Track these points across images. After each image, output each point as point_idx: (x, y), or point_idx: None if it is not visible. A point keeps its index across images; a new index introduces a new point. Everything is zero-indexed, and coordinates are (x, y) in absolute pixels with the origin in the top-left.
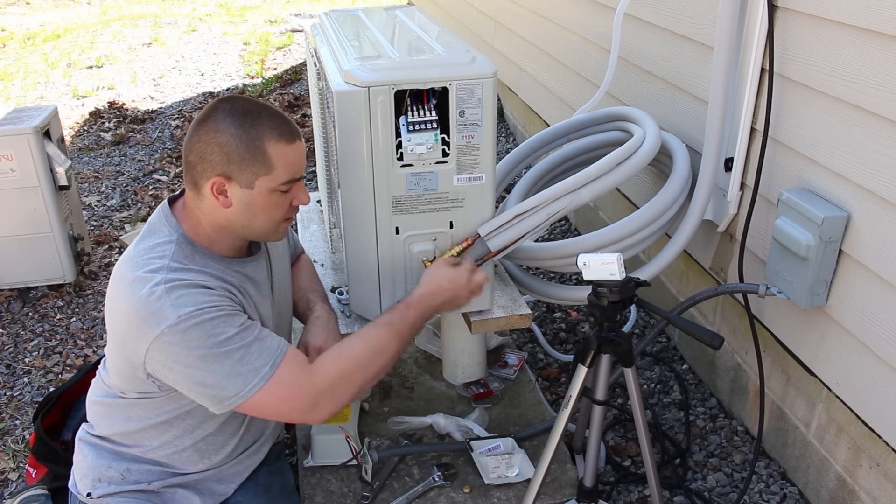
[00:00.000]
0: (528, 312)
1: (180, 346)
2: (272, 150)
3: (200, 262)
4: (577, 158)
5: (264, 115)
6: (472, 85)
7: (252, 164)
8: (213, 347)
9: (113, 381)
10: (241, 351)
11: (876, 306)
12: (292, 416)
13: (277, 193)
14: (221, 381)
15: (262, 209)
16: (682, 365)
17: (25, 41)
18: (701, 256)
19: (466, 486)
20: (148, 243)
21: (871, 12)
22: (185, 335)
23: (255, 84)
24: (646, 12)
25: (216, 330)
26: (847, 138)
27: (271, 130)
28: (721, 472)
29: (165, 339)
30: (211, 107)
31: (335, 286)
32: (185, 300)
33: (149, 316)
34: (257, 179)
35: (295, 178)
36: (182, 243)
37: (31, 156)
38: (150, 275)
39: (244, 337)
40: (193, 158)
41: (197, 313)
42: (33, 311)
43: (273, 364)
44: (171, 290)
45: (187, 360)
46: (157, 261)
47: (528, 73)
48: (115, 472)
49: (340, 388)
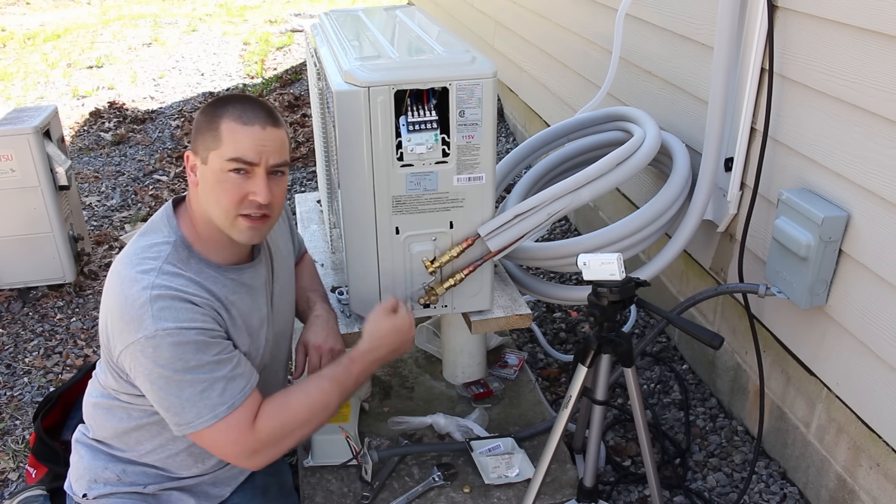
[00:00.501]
0: (528, 312)
1: (150, 360)
2: (224, 127)
3: (195, 267)
4: (577, 158)
5: (237, 101)
6: (472, 85)
7: (205, 138)
8: (179, 372)
9: (105, 381)
10: (205, 384)
11: (876, 306)
12: (232, 459)
13: (230, 176)
14: (176, 406)
15: (211, 188)
16: (682, 365)
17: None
18: (701, 256)
19: (466, 486)
20: (146, 241)
21: (871, 12)
22: (156, 351)
23: (255, 84)
24: (646, 12)
25: (188, 355)
26: (847, 138)
27: (233, 111)
28: (721, 472)
29: (138, 348)
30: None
31: (335, 286)
32: (167, 314)
33: (130, 320)
34: (210, 154)
35: (243, 159)
36: (179, 246)
37: (31, 156)
38: (141, 276)
39: (213, 370)
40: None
41: (175, 331)
42: (33, 311)
43: (231, 406)
44: (157, 298)
45: (151, 377)
46: (150, 261)
47: (528, 73)
48: (110, 474)
49: (280, 439)
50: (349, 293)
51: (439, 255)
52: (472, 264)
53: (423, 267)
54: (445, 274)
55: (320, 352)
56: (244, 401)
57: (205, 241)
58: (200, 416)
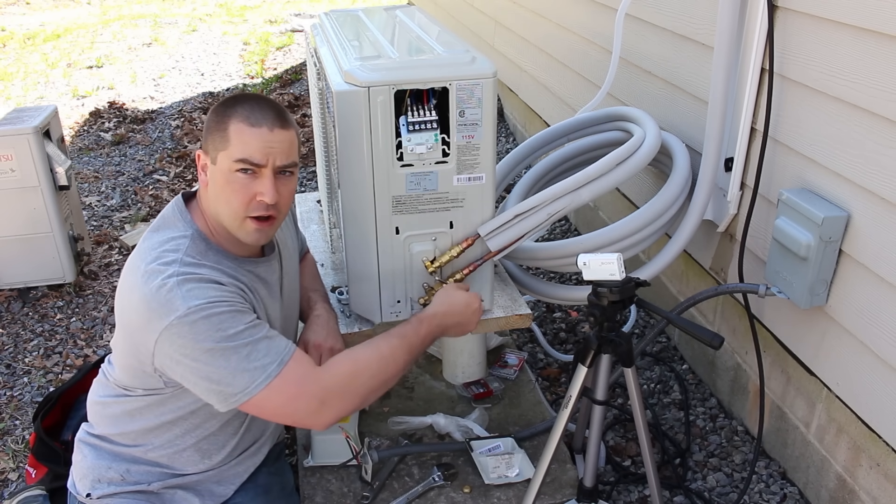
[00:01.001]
0: (528, 312)
1: (188, 339)
2: (233, 128)
3: (214, 258)
4: (577, 158)
5: (246, 101)
6: (472, 85)
7: (214, 139)
8: (221, 342)
9: (119, 378)
10: (248, 347)
11: (876, 306)
12: (297, 417)
13: (237, 176)
14: (227, 377)
15: (221, 188)
16: (682, 365)
17: (25, 41)
18: (701, 256)
19: (466, 486)
20: (162, 236)
21: (871, 12)
22: (193, 327)
23: (255, 84)
24: (646, 12)
25: (224, 324)
26: (847, 138)
27: (242, 111)
28: (721, 472)
29: (174, 331)
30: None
31: (335, 286)
32: (195, 293)
33: (159, 307)
34: (218, 154)
35: (251, 160)
36: (196, 239)
37: (31, 156)
38: (163, 267)
39: (252, 334)
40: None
41: (206, 306)
42: (33, 311)
43: (281, 362)
44: (183, 282)
45: (194, 354)
46: (170, 254)
47: (528, 73)
48: (114, 473)
49: (349, 390)
50: (349, 293)
51: (439, 255)
52: (472, 264)
53: (423, 267)
54: (445, 274)
55: (320, 350)
56: (293, 355)
57: (218, 236)
58: (254, 380)
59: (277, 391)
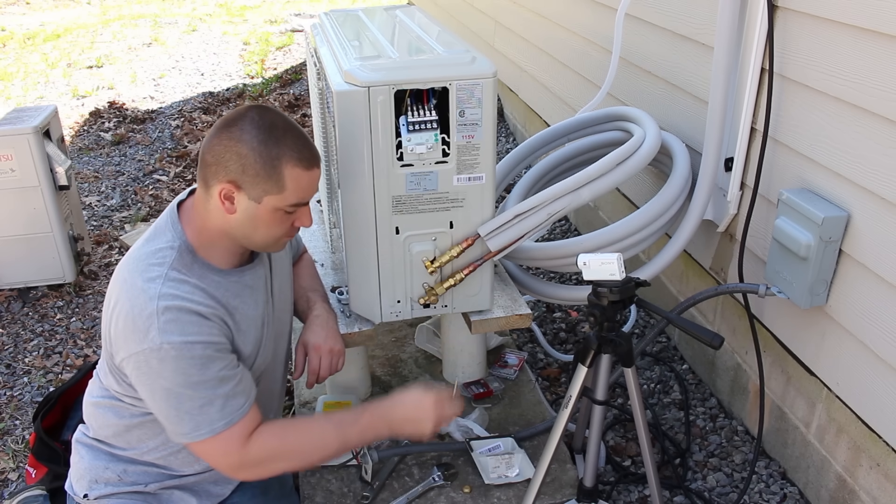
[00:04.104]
0: (528, 312)
1: (153, 372)
2: (288, 173)
3: (199, 272)
4: (578, 158)
5: (289, 136)
6: (472, 85)
7: (265, 182)
8: (181, 386)
9: (108, 382)
10: (204, 400)
11: (876, 306)
12: (218, 469)
13: (282, 212)
14: (174, 417)
15: (263, 224)
16: (682, 365)
17: (25, 41)
18: (701, 256)
19: (466, 486)
20: (151, 247)
21: (871, 12)
22: (161, 364)
23: (255, 84)
24: (646, 12)
25: (191, 370)
26: (847, 138)
27: (292, 153)
28: (721, 472)
29: (142, 359)
30: (240, 112)
31: (335, 286)
32: (173, 326)
33: (136, 330)
34: (266, 196)
35: (303, 202)
36: (183, 251)
37: (31, 156)
38: (147, 284)
39: (215, 387)
40: (210, 159)
41: (180, 346)
42: (33, 311)
43: (228, 423)
44: (165, 310)
45: (153, 388)
46: (156, 268)
47: (529, 73)
48: (111, 474)
49: (266, 465)
50: (349, 293)
51: (439, 255)
52: (472, 264)
53: (423, 267)
54: (445, 274)
55: (320, 352)
56: (241, 418)
57: (209, 247)
58: (198, 429)
59: (212, 446)
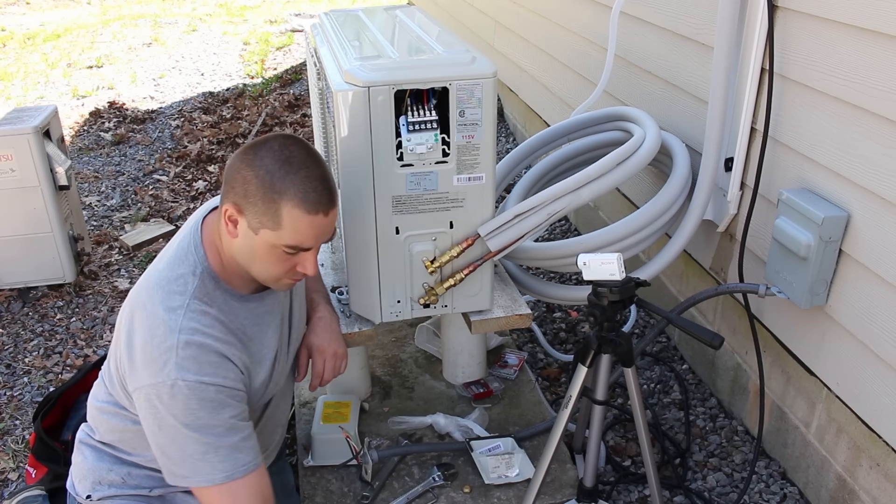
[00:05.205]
0: (528, 312)
1: (163, 406)
2: (286, 212)
3: (220, 299)
4: (577, 158)
5: (301, 174)
6: (472, 85)
7: (262, 214)
8: (188, 427)
9: (116, 393)
10: (209, 446)
11: (876, 306)
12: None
13: (280, 251)
14: (176, 457)
15: (260, 258)
16: (682, 365)
17: (25, 41)
18: (701, 256)
19: (466, 486)
20: (174, 272)
21: (871, 12)
22: (172, 399)
23: (255, 84)
24: (646, 12)
25: (202, 412)
26: (847, 138)
27: (296, 192)
28: (721, 472)
29: (153, 392)
30: (267, 137)
31: (335, 286)
32: (190, 364)
33: (152, 361)
34: (262, 228)
35: (302, 247)
36: (206, 278)
37: (31, 156)
38: (168, 315)
39: (222, 435)
40: (226, 176)
41: (195, 385)
42: (33, 311)
43: (229, 477)
44: (185, 345)
45: (161, 423)
46: (177, 297)
47: (528, 73)
48: (115, 476)
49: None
50: (349, 293)
51: (439, 255)
52: (472, 264)
53: (423, 267)
54: (445, 274)
55: (324, 355)
56: (244, 476)
57: (230, 273)
58: (196, 475)
59: (210, 496)
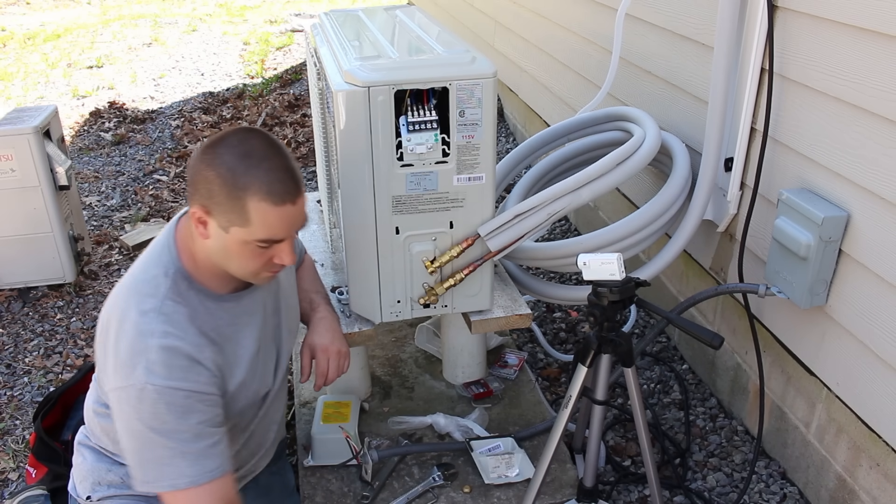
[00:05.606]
0: (528, 312)
1: (132, 409)
2: (253, 207)
3: (194, 300)
4: (577, 158)
5: (263, 167)
6: (472, 85)
7: (229, 212)
8: (154, 431)
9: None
10: (174, 451)
11: (876, 306)
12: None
13: (254, 246)
14: (140, 461)
15: (235, 255)
16: (682, 365)
17: (25, 41)
18: (701, 256)
19: (466, 486)
20: (148, 273)
21: (871, 12)
22: (140, 403)
23: (255, 84)
24: (646, 12)
25: (168, 417)
26: (847, 138)
27: (260, 186)
28: (721, 472)
29: (123, 395)
30: (224, 134)
31: (335, 286)
32: (159, 368)
33: (123, 365)
34: (232, 227)
35: (275, 238)
36: (178, 279)
37: (31, 156)
38: (142, 319)
39: (188, 441)
40: (189, 179)
41: (163, 389)
42: (33, 311)
43: (193, 482)
44: (157, 350)
45: (129, 425)
46: (150, 299)
47: (528, 73)
48: (114, 476)
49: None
50: (349, 293)
51: (439, 255)
52: (472, 264)
53: (423, 267)
54: (445, 274)
55: (328, 354)
56: (209, 481)
57: (204, 271)
58: (160, 480)
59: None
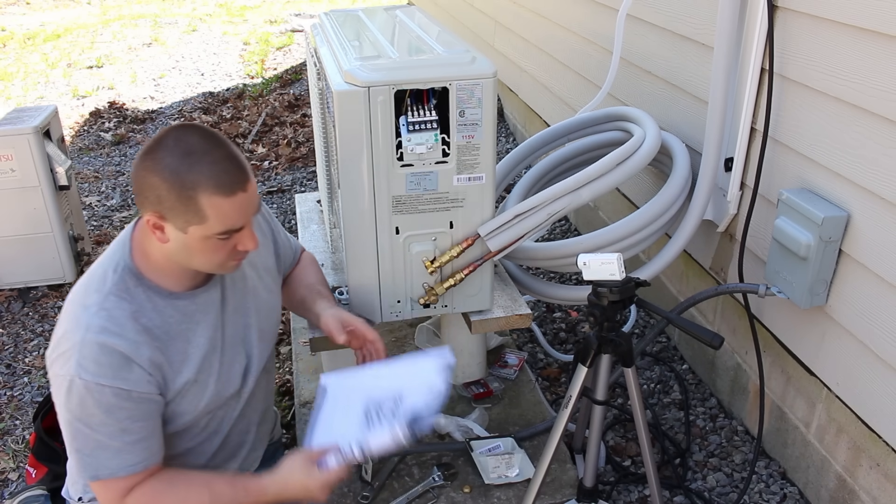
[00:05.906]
0: (528, 312)
1: (62, 399)
2: (206, 203)
3: (141, 297)
4: (578, 158)
5: (206, 161)
6: (472, 85)
7: (184, 213)
8: (80, 422)
9: None
10: (97, 443)
11: (876, 306)
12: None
13: (214, 240)
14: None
15: (198, 252)
16: (682, 365)
17: (25, 41)
18: (701, 256)
19: (466, 486)
20: (99, 269)
21: (871, 12)
22: (68, 394)
23: (255, 84)
24: (646, 12)
25: (94, 410)
26: (847, 138)
27: (208, 181)
28: (721, 472)
29: (55, 382)
30: (159, 136)
31: (335, 286)
32: (90, 364)
33: (59, 355)
34: (190, 226)
35: (233, 228)
36: (126, 274)
37: (32, 156)
38: (81, 312)
39: (112, 435)
40: (135, 187)
41: (91, 385)
42: (33, 311)
43: (112, 475)
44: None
45: (60, 412)
46: (94, 294)
47: (528, 73)
48: None
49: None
50: (349, 293)
51: (439, 255)
52: (472, 264)
53: (423, 267)
54: (445, 274)
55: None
56: (129, 475)
57: (157, 270)
58: (83, 471)
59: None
